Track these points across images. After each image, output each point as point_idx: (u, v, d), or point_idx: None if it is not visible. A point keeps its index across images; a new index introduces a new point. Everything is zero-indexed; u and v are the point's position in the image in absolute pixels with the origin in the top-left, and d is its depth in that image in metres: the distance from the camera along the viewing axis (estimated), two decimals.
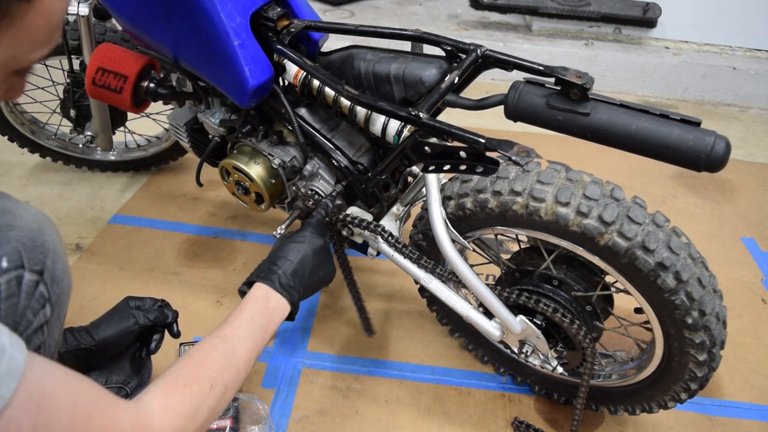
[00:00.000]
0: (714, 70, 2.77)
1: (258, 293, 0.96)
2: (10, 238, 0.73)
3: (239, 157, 1.31)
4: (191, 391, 0.75)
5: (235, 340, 0.87)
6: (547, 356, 1.20)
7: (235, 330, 0.88)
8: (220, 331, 0.88)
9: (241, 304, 0.95)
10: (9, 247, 0.72)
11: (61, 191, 1.99)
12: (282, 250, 1.03)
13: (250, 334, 0.89)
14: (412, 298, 1.64)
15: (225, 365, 0.83)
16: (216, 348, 0.84)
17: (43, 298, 0.75)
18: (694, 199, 2.12)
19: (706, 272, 1.03)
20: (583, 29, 2.96)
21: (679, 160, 0.87)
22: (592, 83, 0.91)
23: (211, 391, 0.78)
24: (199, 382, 0.77)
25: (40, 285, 0.75)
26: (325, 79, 1.11)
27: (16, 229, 0.74)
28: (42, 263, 0.76)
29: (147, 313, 1.13)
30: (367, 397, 1.38)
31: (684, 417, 1.38)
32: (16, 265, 0.72)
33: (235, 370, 0.84)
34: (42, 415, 0.54)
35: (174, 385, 0.75)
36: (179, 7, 1.09)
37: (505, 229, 1.13)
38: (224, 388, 0.81)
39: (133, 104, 1.31)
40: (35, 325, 0.75)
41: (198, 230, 1.84)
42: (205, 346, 0.84)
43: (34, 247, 0.75)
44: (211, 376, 0.79)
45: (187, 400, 0.74)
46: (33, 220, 0.78)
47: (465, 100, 1.08)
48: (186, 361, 0.80)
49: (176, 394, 0.73)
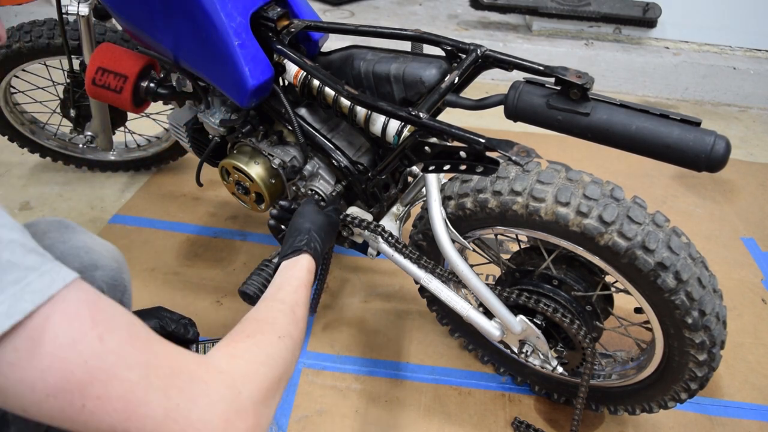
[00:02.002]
0: (714, 70, 2.77)
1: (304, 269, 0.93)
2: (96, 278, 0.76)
3: (239, 157, 1.31)
4: (257, 341, 0.67)
5: (293, 304, 0.81)
6: (547, 356, 1.20)
7: (292, 295, 0.83)
8: (276, 295, 0.83)
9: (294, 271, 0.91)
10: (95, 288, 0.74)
11: (61, 191, 1.99)
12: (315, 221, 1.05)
13: (304, 301, 0.85)
14: (412, 298, 1.64)
15: (288, 323, 0.76)
16: (275, 309, 0.78)
17: None
18: (694, 199, 2.12)
19: (706, 272, 1.03)
20: (583, 29, 2.96)
21: (679, 160, 0.87)
22: (592, 83, 0.91)
23: (279, 341, 0.70)
24: (264, 333, 0.70)
25: None
26: (325, 79, 1.11)
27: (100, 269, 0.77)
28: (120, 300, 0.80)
29: (170, 322, 1.13)
30: (367, 397, 1.38)
31: (684, 417, 1.38)
32: None
33: (299, 329, 0.78)
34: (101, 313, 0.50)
35: (236, 337, 0.67)
36: (179, 7, 1.09)
37: (505, 229, 1.13)
38: (293, 341, 0.73)
39: (133, 104, 1.31)
40: None
41: (198, 230, 1.84)
42: (262, 307, 0.78)
43: (115, 287, 0.78)
44: (276, 329, 0.72)
45: (254, 348, 0.66)
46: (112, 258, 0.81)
47: (465, 100, 1.08)
48: (246, 322, 0.73)
49: (240, 344, 0.66)
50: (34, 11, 2.87)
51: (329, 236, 1.07)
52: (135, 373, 0.49)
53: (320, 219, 1.07)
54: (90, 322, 0.48)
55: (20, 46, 1.61)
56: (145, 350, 0.51)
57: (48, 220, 0.82)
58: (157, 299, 1.58)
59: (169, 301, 1.58)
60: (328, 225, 1.08)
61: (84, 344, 0.47)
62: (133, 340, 0.51)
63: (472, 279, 1.12)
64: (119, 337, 0.50)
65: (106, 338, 0.48)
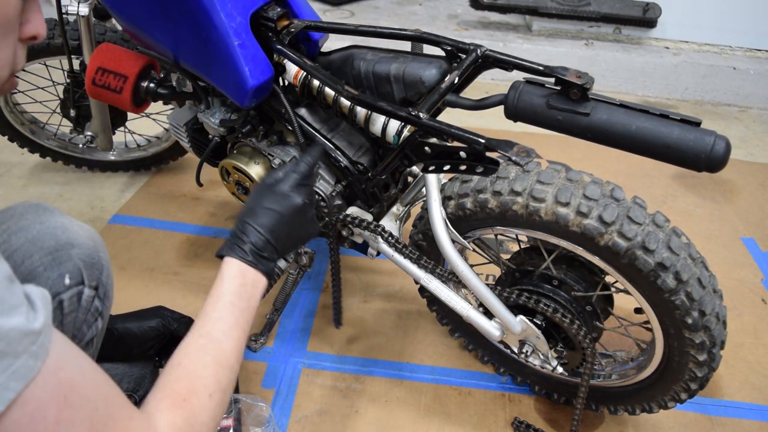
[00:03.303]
0: (714, 70, 2.77)
1: (231, 270, 0.85)
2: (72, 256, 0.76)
3: (239, 157, 1.31)
4: (192, 406, 0.72)
5: (221, 336, 0.80)
6: (547, 356, 1.20)
7: (217, 323, 0.81)
8: (203, 328, 0.80)
9: (216, 286, 0.84)
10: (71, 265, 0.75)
11: (61, 191, 1.99)
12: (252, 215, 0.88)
13: (233, 324, 0.81)
14: (412, 298, 1.64)
15: (218, 368, 0.78)
16: (203, 350, 0.78)
17: (97, 312, 0.79)
18: (694, 199, 2.12)
19: (706, 272, 1.03)
20: (583, 29, 2.96)
21: (679, 160, 0.87)
22: (592, 83, 0.91)
23: (210, 401, 0.75)
24: (197, 394, 0.74)
25: (96, 300, 0.78)
26: (325, 79, 1.11)
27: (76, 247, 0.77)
28: (98, 279, 0.79)
29: (172, 321, 1.12)
30: (367, 397, 1.38)
31: (684, 417, 1.38)
32: (78, 282, 0.75)
33: (228, 368, 0.79)
34: (66, 411, 0.53)
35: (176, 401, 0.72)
36: (179, 7, 1.09)
37: (505, 229, 1.13)
38: (222, 392, 0.77)
39: (133, 104, 1.31)
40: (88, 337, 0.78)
41: (198, 230, 1.84)
42: (191, 351, 0.78)
43: (92, 264, 0.78)
44: (207, 385, 0.75)
45: (190, 415, 0.72)
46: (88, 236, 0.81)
47: (465, 100, 1.08)
48: (178, 373, 0.75)
49: (180, 411, 0.71)
50: None
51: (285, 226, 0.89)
52: None
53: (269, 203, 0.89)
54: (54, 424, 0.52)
55: None
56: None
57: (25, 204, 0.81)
58: (157, 299, 1.58)
59: (169, 301, 1.57)
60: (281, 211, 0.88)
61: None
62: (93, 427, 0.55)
63: (472, 279, 1.12)
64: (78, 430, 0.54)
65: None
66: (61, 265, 0.75)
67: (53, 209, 0.83)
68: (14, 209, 0.80)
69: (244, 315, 0.83)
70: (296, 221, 0.90)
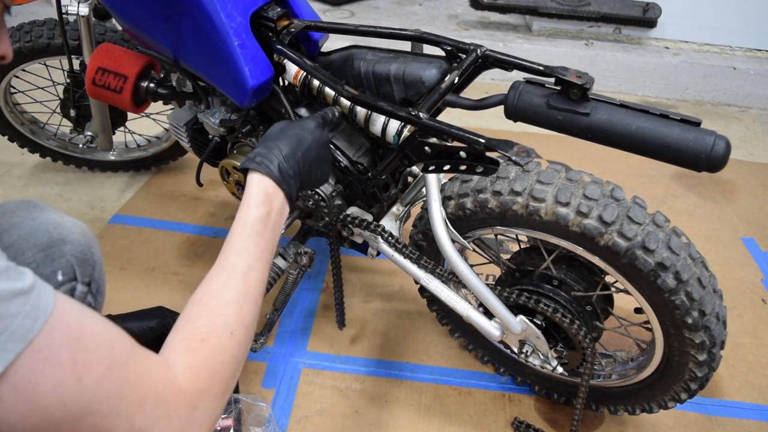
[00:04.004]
0: (714, 70, 2.77)
1: (259, 195, 0.82)
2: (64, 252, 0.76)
3: (239, 157, 1.31)
4: (212, 347, 0.68)
5: (245, 268, 0.76)
6: (547, 356, 1.20)
7: (242, 254, 0.77)
8: (227, 260, 0.76)
9: (242, 212, 0.80)
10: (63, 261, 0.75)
11: (61, 191, 1.99)
12: (283, 134, 0.88)
13: (259, 255, 0.77)
14: (412, 298, 1.64)
15: (241, 304, 0.73)
16: (227, 285, 0.74)
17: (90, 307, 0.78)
18: (694, 199, 2.12)
19: (706, 272, 1.03)
20: (583, 29, 2.96)
21: (679, 160, 0.87)
22: (592, 83, 0.91)
23: (231, 339, 0.70)
24: (217, 334, 0.70)
25: (89, 296, 0.78)
26: (325, 79, 1.11)
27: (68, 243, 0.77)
28: (90, 275, 0.79)
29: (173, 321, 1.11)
30: (367, 397, 1.38)
31: (684, 417, 1.38)
32: (70, 278, 0.75)
33: (252, 303, 0.75)
34: (81, 352, 0.52)
35: (192, 342, 0.68)
36: (179, 7, 1.09)
37: (505, 229, 1.13)
38: (245, 327, 0.73)
39: (133, 104, 1.31)
40: None
41: (198, 230, 1.84)
42: (213, 286, 0.74)
43: (84, 260, 0.78)
44: (229, 322, 0.71)
45: (210, 357, 0.68)
46: (81, 233, 0.81)
47: (465, 100, 1.08)
48: (198, 309, 0.72)
49: (198, 353, 0.67)
50: (34, 11, 2.87)
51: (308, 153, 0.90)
52: (106, 406, 0.53)
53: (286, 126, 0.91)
54: (70, 365, 0.50)
55: (20, 46, 1.61)
56: (119, 380, 0.55)
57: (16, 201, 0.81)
58: (157, 299, 1.58)
59: (169, 301, 1.57)
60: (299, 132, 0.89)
61: (63, 388, 0.50)
62: (110, 371, 0.54)
63: (472, 279, 1.12)
64: (97, 373, 0.52)
65: (84, 378, 0.51)
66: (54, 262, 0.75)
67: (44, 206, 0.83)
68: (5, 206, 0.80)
69: (269, 245, 0.80)
70: (317, 154, 0.91)
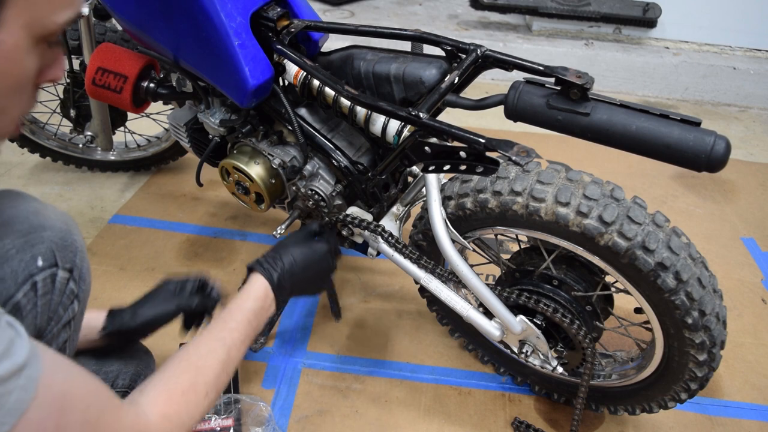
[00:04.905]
0: (714, 70, 2.77)
1: (259, 291, 0.98)
2: (44, 238, 0.77)
3: (239, 157, 1.31)
4: (188, 401, 0.77)
5: (232, 345, 0.88)
6: (547, 356, 1.20)
7: (234, 333, 0.90)
8: (219, 332, 0.89)
9: (241, 298, 0.96)
10: (43, 247, 0.76)
11: (61, 191, 1.99)
12: (294, 251, 1.04)
13: (245, 338, 0.91)
14: (412, 298, 1.64)
15: (221, 372, 0.84)
16: (214, 353, 0.85)
17: (73, 294, 0.80)
18: (694, 199, 2.12)
19: (706, 272, 1.03)
20: (583, 29, 2.96)
21: (679, 160, 0.87)
22: (592, 83, 0.91)
23: (205, 399, 0.80)
24: (196, 391, 0.79)
25: (71, 282, 0.79)
26: (325, 79, 1.11)
27: (48, 230, 0.78)
28: (72, 261, 0.80)
29: (190, 300, 1.12)
30: (367, 397, 1.38)
31: (684, 417, 1.38)
32: (51, 264, 0.76)
33: (227, 375, 0.87)
34: (63, 416, 0.57)
35: (173, 393, 0.77)
36: (179, 8, 1.09)
37: (505, 229, 1.13)
38: (216, 393, 0.83)
39: (133, 104, 1.31)
40: (64, 320, 0.79)
41: (198, 230, 1.84)
42: (203, 350, 0.85)
43: (65, 246, 0.79)
44: (208, 383, 0.81)
45: (184, 410, 0.76)
46: (61, 220, 0.82)
47: (465, 100, 1.08)
48: (185, 365, 0.81)
49: (174, 405, 0.75)
50: None
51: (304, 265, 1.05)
52: None
53: (300, 243, 1.06)
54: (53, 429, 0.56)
55: None
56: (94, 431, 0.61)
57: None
58: None
59: None
60: (307, 254, 1.05)
61: None
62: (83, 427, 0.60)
63: (472, 279, 1.12)
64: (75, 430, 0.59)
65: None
66: (34, 248, 0.76)
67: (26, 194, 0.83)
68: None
69: (251, 334, 0.94)
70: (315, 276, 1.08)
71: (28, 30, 0.55)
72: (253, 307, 0.95)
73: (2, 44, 0.53)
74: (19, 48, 0.55)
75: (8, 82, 0.56)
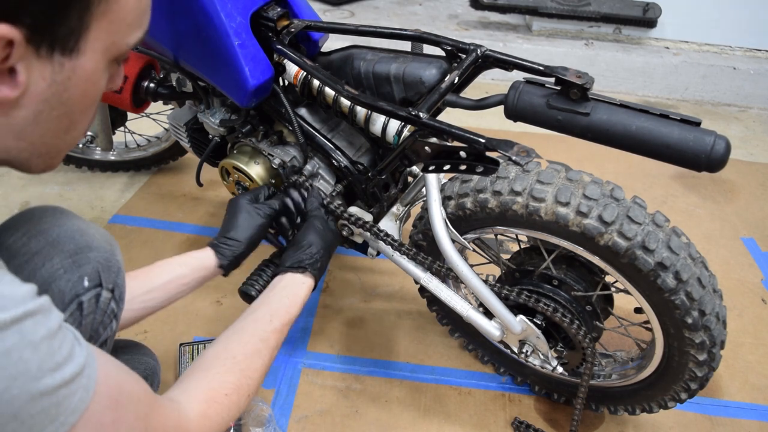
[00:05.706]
0: (714, 70, 2.77)
1: (306, 291, 1.01)
2: (90, 259, 0.79)
3: (239, 157, 1.31)
4: (230, 403, 0.78)
5: (273, 346, 0.90)
6: (547, 356, 1.20)
7: (276, 335, 0.91)
8: (264, 332, 0.90)
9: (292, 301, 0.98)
10: (90, 267, 0.78)
11: (61, 191, 1.99)
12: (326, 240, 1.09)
13: (282, 339, 0.93)
14: (412, 298, 1.64)
15: (263, 373, 0.86)
16: (259, 354, 0.86)
17: (113, 313, 0.82)
18: (694, 199, 2.11)
19: (706, 272, 1.03)
20: (583, 29, 2.96)
21: (679, 160, 0.87)
22: (592, 83, 0.91)
23: (246, 401, 0.82)
24: (239, 393, 0.80)
25: (112, 302, 0.81)
26: (325, 79, 1.11)
27: (94, 250, 0.80)
28: (114, 282, 0.82)
29: (268, 205, 1.14)
30: (367, 397, 1.38)
31: (684, 417, 1.37)
32: (96, 284, 0.78)
33: (263, 377, 0.88)
34: (119, 411, 0.59)
35: (217, 394, 0.77)
36: (179, 8, 1.09)
37: (505, 229, 1.13)
38: (251, 397, 0.84)
39: (133, 104, 1.31)
40: (102, 338, 0.81)
41: (198, 230, 1.84)
42: (249, 349, 0.86)
43: (109, 267, 0.81)
44: (251, 386, 0.83)
45: (225, 411, 0.77)
46: (105, 240, 0.84)
47: (465, 100, 1.08)
48: (230, 365, 0.82)
49: (216, 405, 0.76)
50: None
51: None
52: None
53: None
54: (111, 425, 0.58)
55: None
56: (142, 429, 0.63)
57: (42, 207, 0.84)
58: None
59: None
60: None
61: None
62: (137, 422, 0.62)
63: (472, 279, 1.12)
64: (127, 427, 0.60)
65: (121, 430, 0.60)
66: (81, 268, 0.77)
67: (69, 212, 0.85)
68: (31, 212, 0.82)
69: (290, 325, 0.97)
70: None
71: (106, 54, 0.59)
72: (297, 313, 0.97)
73: (84, 69, 0.57)
74: (98, 71, 0.59)
75: (88, 102, 0.61)
